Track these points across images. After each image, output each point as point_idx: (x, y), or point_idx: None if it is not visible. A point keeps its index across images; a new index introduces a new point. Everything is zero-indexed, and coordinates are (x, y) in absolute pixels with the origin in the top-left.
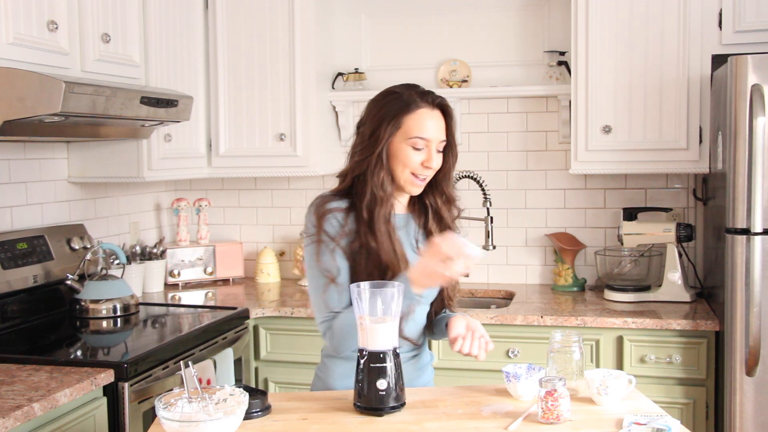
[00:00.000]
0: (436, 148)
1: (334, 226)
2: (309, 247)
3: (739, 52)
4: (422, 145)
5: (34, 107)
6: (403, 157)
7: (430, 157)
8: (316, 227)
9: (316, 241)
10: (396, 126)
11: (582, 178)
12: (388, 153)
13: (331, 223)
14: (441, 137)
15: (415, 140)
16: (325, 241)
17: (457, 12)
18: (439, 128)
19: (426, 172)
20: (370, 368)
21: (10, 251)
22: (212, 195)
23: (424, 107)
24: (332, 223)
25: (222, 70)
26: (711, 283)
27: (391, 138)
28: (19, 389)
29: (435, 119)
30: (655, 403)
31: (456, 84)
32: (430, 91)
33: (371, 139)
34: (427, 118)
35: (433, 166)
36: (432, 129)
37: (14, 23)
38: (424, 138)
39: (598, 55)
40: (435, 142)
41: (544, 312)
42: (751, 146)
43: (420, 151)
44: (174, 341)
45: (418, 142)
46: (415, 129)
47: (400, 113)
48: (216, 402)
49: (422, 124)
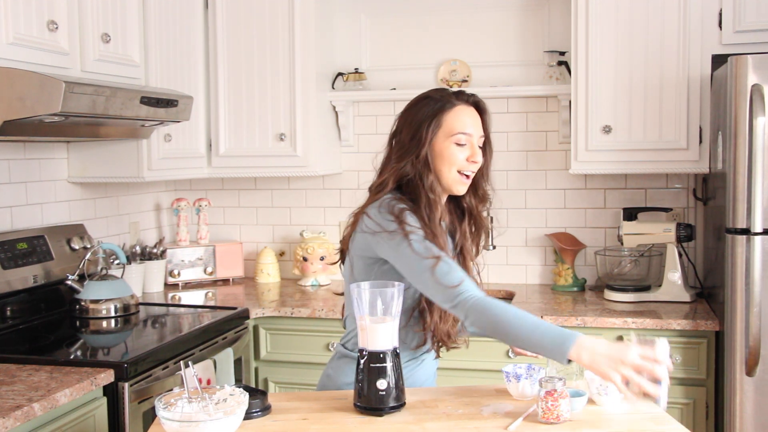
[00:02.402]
0: (478, 144)
1: (415, 219)
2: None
3: (739, 52)
4: (465, 141)
5: (34, 107)
6: (448, 155)
7: (474, 152)
8: (397, 222)
9: (404, 234)
10: (437, 125)
11: (582, 178)
12: (433, 154)
13: (410, 218)
14: (480, 132)
15: (459, 136)
16: (414, 230)
17: (457, 12)
18: (478, 123)
19: (472, 167)
20: (370, 368)
21: (10, 251)
22: (212, 195)
23: (461, 104)
24: (412, 218)
25: (222, 70)
26: (711, 283)
27: (434, 138)
28: (19, 389)
29: (472, 115)
30: (655, 403)
31: (456, 84)
32: (462, 90)
33: (412, 142)
34: (465, 114)
35: (478, 160)
36: (471, 124)
37: (14, 23)
38: (466, 133)
39: (598, 55)
40: (476, 137)
41: (544, 312)
42: (751, 146)
43: (463, 147)
44: (174, 341)
45: (462, 138)
46: (456, 125)
47: (438, 112)
48: (216, 402)
49: (462, 120)
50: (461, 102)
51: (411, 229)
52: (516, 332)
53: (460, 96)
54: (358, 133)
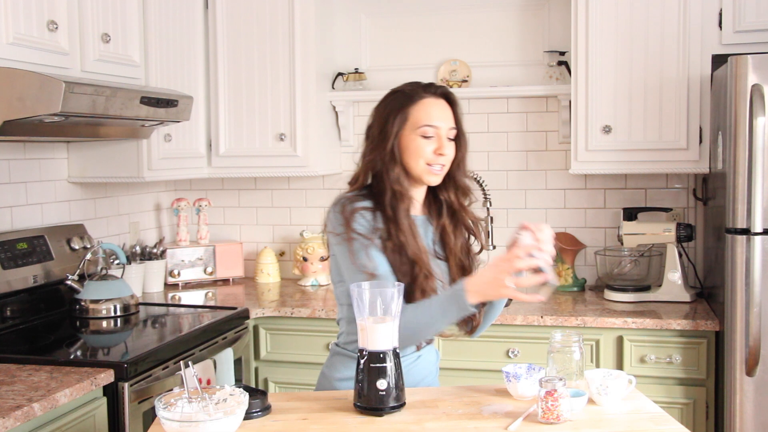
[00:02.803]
0: (447, 136)
1: (363, 225)
2: (339, 246)
3: (739, 52)
4: (432, 133)
5: (34, 107)
6: (414, 148)
7: (441, 145)
8: (344, 226)
9: (347, 239)
10: (403, 118)
11: (582, 178)
12: (400, 147)
13: (359, 221)
14: (449, 124)
15: (424, 129)
16: (357, 239)
17: (457, 12)
18: (446, 116)
19: (439, 159)
20: (370, 368)
21: (10, 251)
22: (212, 195)
23: (428, 97)
24: (361, 221)
25: (222, 70)
26: (711, 283)
27: (400, 131)
28: (19, 389)
29: (440, 107)
30: (655, 403)
31: (456, 84)
32: (432, 83)
33: (380, 136)
34: (432, 107)
35: (445, 153)
36: (439, 116)
37: (14, 23)
38: (432, 125)
39: (598, 55)
40: (444, 130)
41: (544, 312)
42: (751, 146)
43: (430, 139)
44: (174, 341)
45: (428, 130)
46: (422, 118)
47: (405, 105)
48: (216, 402)
49: (428, 112)
50: (429, 94)
51: (356, 236)
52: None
53: (428, 88)
54: (358, 133)
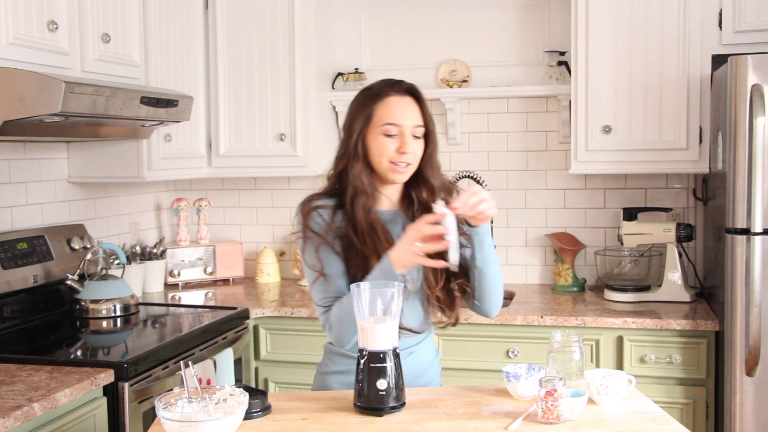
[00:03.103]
0: (412, 133)
1: (318, 223)
2: (299, 243)
3: (739, 52)
4: (395, 132)
5: (34, 107)
6: (377, 146)
7: (404, 143)
8: (301, 225)
9: (302, 237)
10: (367, 117)
11: (582, 178)
12: (365, 146)
13: (315, 220)
14: (414, 122)
15: (387, 127)
16: (310, 237)
17: (457, 12)
18: (410, 113)
19: (403, 158)
20: (370, 368)
21: (10, 251)
22: (212, 195)
23: (393, 95)
24: (317, 220)
25: (222, 70)
26: (711, 283)
27: (364, 130)
28: (19, 389)
29: (404, 105)
30: (655, 403)
31: (456, 84)
32: (399, 80)
33: (346, 134)
34: (395, 105)
35: (408, 151)
36: (402, 114)
37: (14, 23)
38: (394, 124)
39: (598, 55)
40: (408, 128)
41: (544, 312)
42: (751, 146)
43: (393, 137)
44: (174, 341)
45: (390, 128)
46: (385, 116)
47: (369, 104)
48: (216, 402)
49: (391, 111)
50: (394, 92)
51: (310, 235)
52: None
53: (394, 86)
54: None
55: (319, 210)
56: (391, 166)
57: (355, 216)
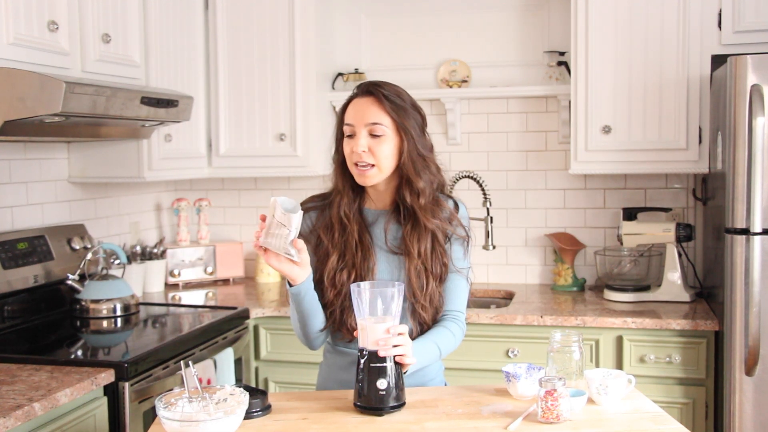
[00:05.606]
0: (369, 132)
1: (307, 225)
2: None
3: (739, 52)
4: (350, 132)
5: (34, 107)
6: (342, 148)
7: (355, 142)
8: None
9: None
10: (339, 122)
11: (582, 178)
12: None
13: (305, 222)
14: (368, 120)
15: (344, 128)
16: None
17: (457, 12)
18: (366, 112)
19: (355, 158)
20: (370, 368)
21: (10, 251)
22: (212, 195)
23: (355, 97)
24: (306, 222)
25: (222, 70)
26: (710, 283)
27: (338, 135)
28: (20, 389)
29: (360, 104)
30: (654, 403)
31: (456, 84)
32: (369, 81)
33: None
34: (352, 106)
35: (358, 150)
36: (354, 114)
37: (15, 23)
38: (348, 124)
39: (598, 55)
40: (361, 127)
41: (544, 312)
42: (751, 146)
43: (351, 138)
44: (174, 341)
45: (346, 129)
46: (345, 119)
47: (342, 109)
48: (216, 402)
49: (348, 112)
50: (355, 94)
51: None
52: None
53: (359, 87)
54: None
55: (308, 213)
56: (356, 169)
57: (330, 213)
